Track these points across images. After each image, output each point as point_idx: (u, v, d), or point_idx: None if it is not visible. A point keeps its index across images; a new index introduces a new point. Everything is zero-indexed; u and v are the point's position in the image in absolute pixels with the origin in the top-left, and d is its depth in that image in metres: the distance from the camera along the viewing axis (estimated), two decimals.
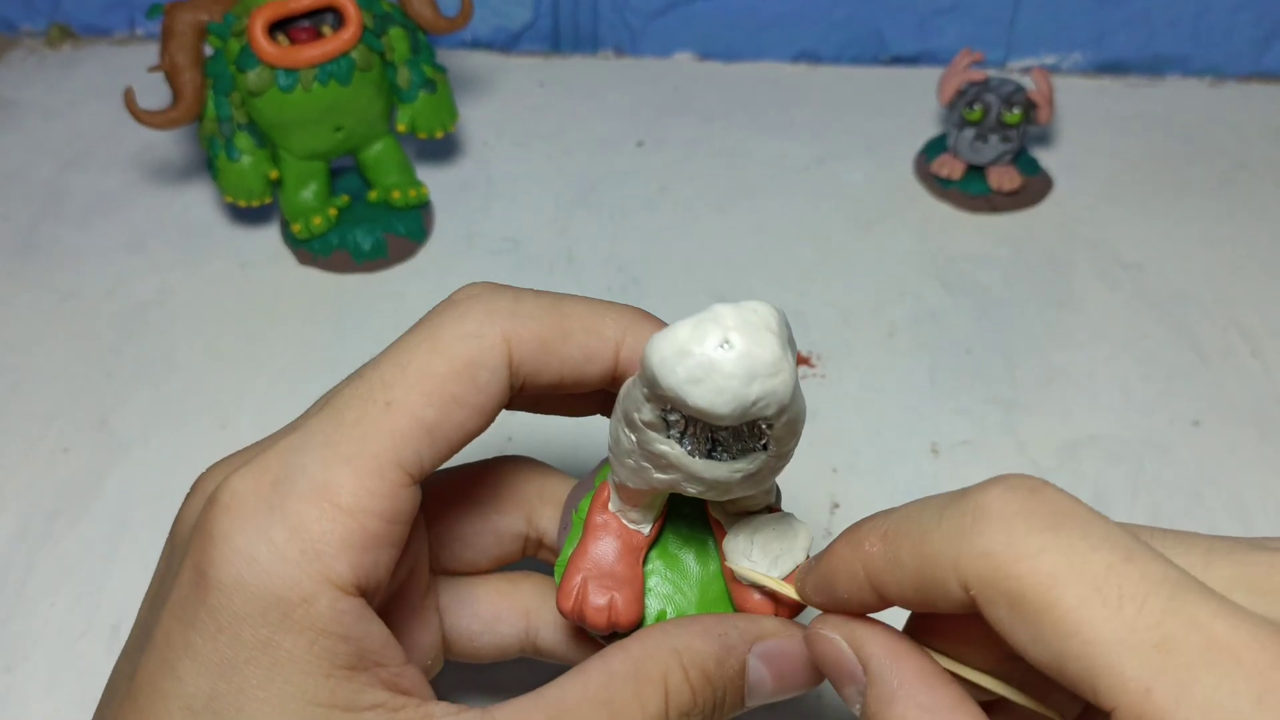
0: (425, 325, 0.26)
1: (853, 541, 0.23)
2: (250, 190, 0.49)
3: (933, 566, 0.21)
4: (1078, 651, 0.19)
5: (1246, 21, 0.60)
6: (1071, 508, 0.20)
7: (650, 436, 0.23)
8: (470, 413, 0.25)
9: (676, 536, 0.29)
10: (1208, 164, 0.56)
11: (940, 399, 0.45)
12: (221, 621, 0.22)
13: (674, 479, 0.24)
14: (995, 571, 0.20)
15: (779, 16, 0.62)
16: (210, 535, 0.23)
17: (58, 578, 0.39)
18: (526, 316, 0.26)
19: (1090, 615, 0.18)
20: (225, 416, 0.44)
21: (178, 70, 0.47)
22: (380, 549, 0.24)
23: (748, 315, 0.21)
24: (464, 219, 0.53)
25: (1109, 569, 0.19)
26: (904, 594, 0.22)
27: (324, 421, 0.24)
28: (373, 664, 0.24)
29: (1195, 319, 0.48)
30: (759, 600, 0.27)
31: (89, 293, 0.49)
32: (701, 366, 0.21)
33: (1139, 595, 0.18)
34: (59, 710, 0.36)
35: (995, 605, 0.20)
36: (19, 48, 0.63)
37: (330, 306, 0.49)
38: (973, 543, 0.20)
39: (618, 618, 0.26)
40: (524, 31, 0.63)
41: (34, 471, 0.42)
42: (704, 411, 0.21)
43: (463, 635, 0.30)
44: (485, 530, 0.30)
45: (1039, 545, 0.19)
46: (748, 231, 0.53)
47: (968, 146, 0.53)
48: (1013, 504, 0.20)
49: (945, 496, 0.22)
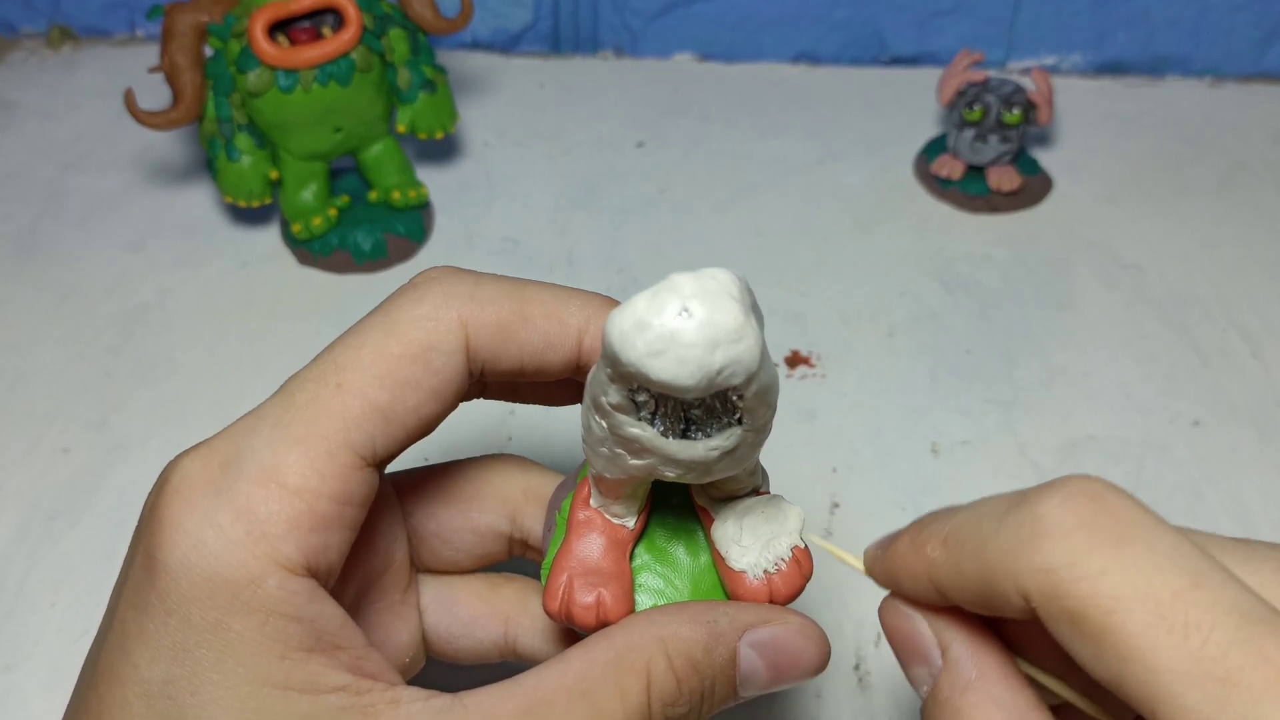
0: (382, 308, 0.25)
1: (915, 544, 0.22)
2: (250, 191, 0.49)
3: (994, 577, 0.20)
4: (1140, 678, 0.18)
5: (1246, 21, 0.60)
6: (1135, 517, 0.19)
7: (620, 420, 0.22)
8: (425, 396, 0.25)
9: (664, 529, 0.28)
10: (1208, 164, 0.56)
11: (940, 399, 0.45)
12: (171, 605, 0.22)
13: (649, 464, 0.23)
14: (1055, 589, 0.19)
15: (779, 17, 0.62)
16: (159, 518, 0.23)
17: (58, 578, 0.39)
18: (485, 301, 0.25)
19: (1153, 644, 0.18)
20: (225, 416, 0.44)
21: (178, 71, 0.47)
22: (330, 530, 0.23)
23: (706, 282, 0.20)
24: (464, 219, 0.53)
25: (1175, 596, 0.18)
26: (969, 601, 0.21)
27: (275, 404, 0.24)
28: (331, 646, 0.23)
29: (1195, 319, 0.48)
30: (754, 587, 0.26)
31: (89, 293, 0.49)
32: (661, 338, 0.20)
33: (1205, 625, 0.18)
34: (59, 710, 0.35)
35: (1056, 621, 0.19)
36: (19, 49, 0.63)
37: (330, 307, 0.49)
38: (1031, 557, 0.19)
39: (606, 615, 0.26)
40: (524, 32, 0.63)
41: (34, 471, 0.42)
42: (668, 385, 0.20)
43: (442, 636, 0.30)
44: (466, 528, 0.30)
45: (1100, 565, 0.19)
46: (748, 232, 0.53)
47: (968, 147, 0.53)
48: (1072, 515, 0.19)
49: (1005, 500, 0.21)
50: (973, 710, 0.22)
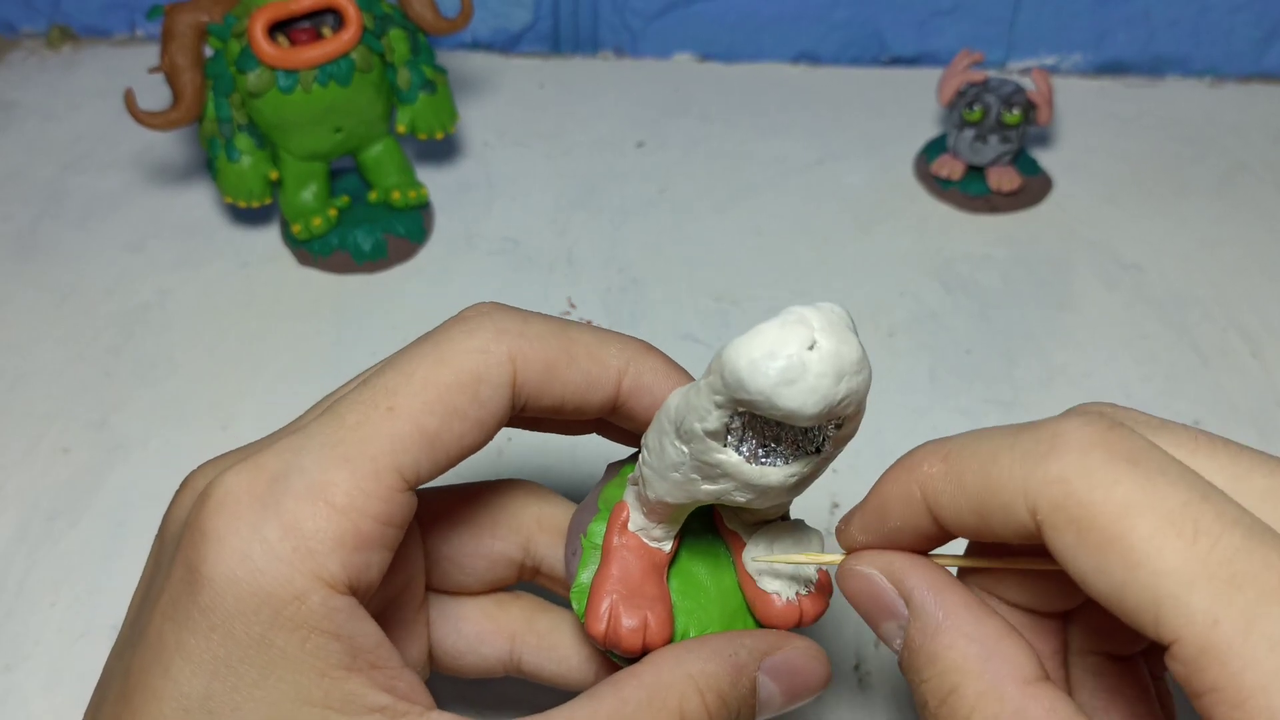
0: (432, 337, 0.26)
1: (909, 465, 0.23)
2: (250, 191, 0.49)
3: (999, 490, 0.21)
4: (1144, 582, 0.18)
5: (1246, 22, 0.60)
6: (1148, 445, 0.20)
7: (708, 446, 0.23)
8: (470, 426, 0.25)
9: (688, 552, 0.28)
10: (1208, 164, 0.56)
11: (940, 399, 0.45)
12: (214, 620, 0.22)
13: (723, 489, 0.24)
14: (1068, 497, 0.19)
15: (779, 17, 0.62)
16: (203, 532, 0.23)
17: (58, 578, 0.39)
18: (534, 338, 0.26)
19: (1162, 546, 0.18)
20: (225, 416, 0.44)
21: (178, 71, 0.47)
22: (373, 550, 0.24)
23: (830, 315, 0.21)
24: (464, 220, 0.53)
25: (1185, 505, 0.19)
26: (961, 517, 0.22)
27: (325, 423, 0.24)
28: (369, 665, 0.23)
29: (1195, 319, 0.48)
30: (782, 608, 0.27)
31: (89, 293, 0.49)
32: (794, 368, 0.21)
33: (1214, 531, 0.18)
34: (59, 710, 0.36)
35: (1061, 532, 0.20)
36: (19, 49, 0.63)
37: (330, 307, 0.49)
38: (1047, 468, 0.20)
39: (652, 638, 0.26)
40: (524, 33, 0.63)
41: (34, 471, 0.42)
42: (792, 413, 0.21)
43: (448, 652, 0.30)
44: (478, 554, 0.30)
45: (1114, 476, 0.19)
46: (748, 232, 0.53)
47: (967, 147, 0.53)
48: (1092, 435, 0.20)
49: (1015, 426, 0.21)
50: (946, 650, 0.22)
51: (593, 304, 0.49)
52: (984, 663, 0.21)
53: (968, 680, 0.21)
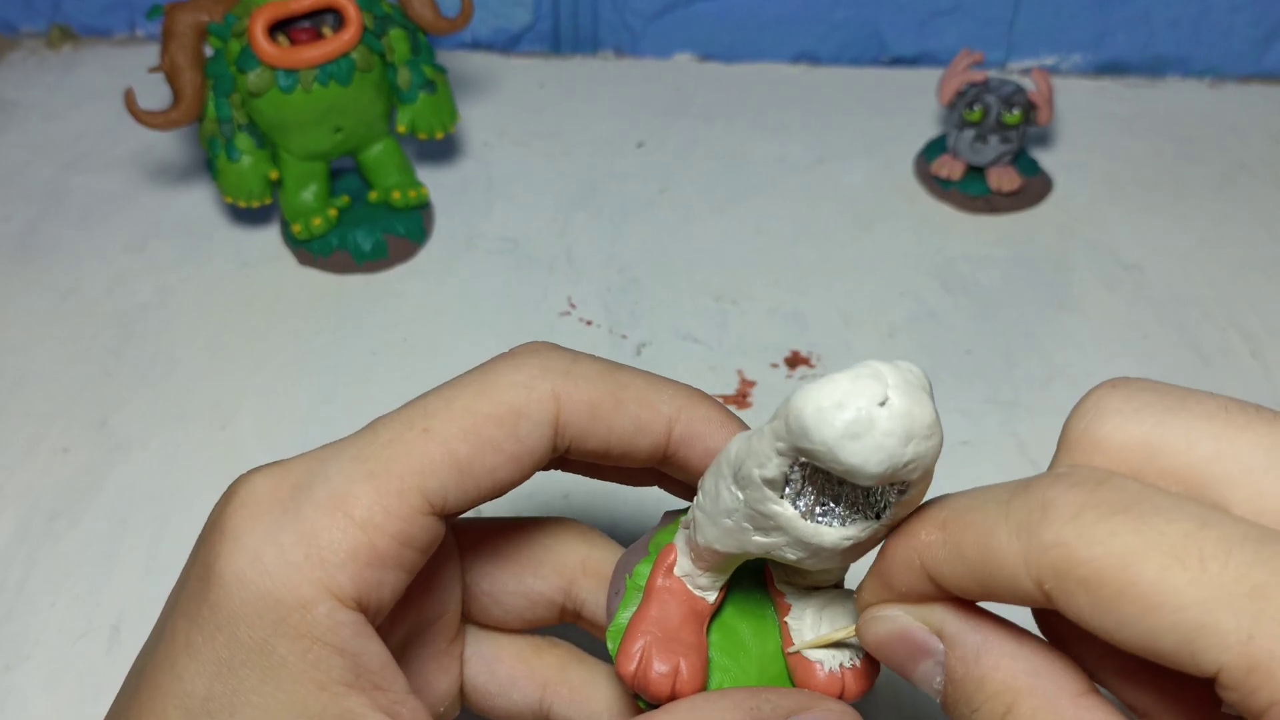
0: (479, 369, 0.25)
1: (907, 533, 0.22)
2: (250, 191, 0.49)
3: (1000, 563, 0.20)
4: (1169, 622, 0.18)
5: (1246, 22, 0.60)
6: (1138, 489, 0.19)
7: (765, 495, 0.22)
8: (504, 460, 0.25)
9: (734, 607, 0.27)
10: (1208, 164, 0.56)
11: (940, 399, 0.45)
12: (221, 619, 0.22)
13: (773, 542, 0.23)
14: (1069, 560, 0.19)
15: (779, 17, 0.62)
16: (221, 530, 0.23)
17: (58, 578, 0.39)
18: (580, 378, 0.25)
19: (1174, 582, 0.18)
20: (225, 416, 0.44)
21: (178, 71, 0.47)
22: (387, 569, 0.23)
23: (906, 375, 0.21)
24: (464, 219, 0.53)
25: (1186, 536, 0.18)
26: (964, 585, 0.21)
27: (358, 438, 0.24)
28: (371, 686, 0.23)
29: (1195, 319, 0.48)
30: (825, 679, 0.26)
31: (89, 293, 0.49)
32: (861, 421, 0.20)
33: (1220, 553, 0.18)
34: (59, 710, 0.36)
35: (1073, 596, 0.19)
36: (19, 49, 0.63)
37: (330, 307, 0.49)
38: (1042, 536, 0.19)
39: (682, 687, 0.25)
40: (524, 32, 0.63)
41: (34, 471, 0.42)
42: (854, 470, 0.20)
43: (480, 690, 0.30)
44: (519, 592, 0.29)
45: (1110, 529, 0.19)
46: (748, 232, 0.53)
47: (967, 147, 0.53)
48: (1081, 497, 0.20)
49: (1006, 488, 0.21)
50: (994, 672, 0.21)
51: (593, 304, 0.49)
52: (1034, 679, 0.21)
53: (1021, 698, 0.21)
